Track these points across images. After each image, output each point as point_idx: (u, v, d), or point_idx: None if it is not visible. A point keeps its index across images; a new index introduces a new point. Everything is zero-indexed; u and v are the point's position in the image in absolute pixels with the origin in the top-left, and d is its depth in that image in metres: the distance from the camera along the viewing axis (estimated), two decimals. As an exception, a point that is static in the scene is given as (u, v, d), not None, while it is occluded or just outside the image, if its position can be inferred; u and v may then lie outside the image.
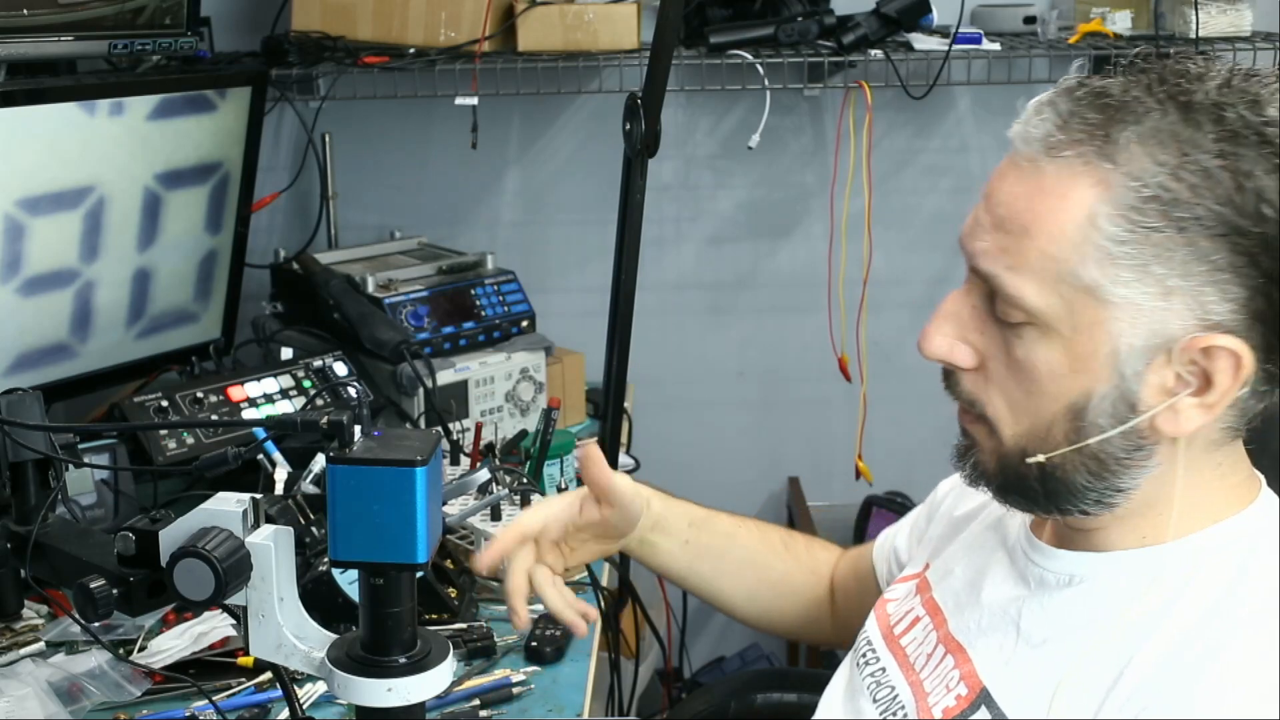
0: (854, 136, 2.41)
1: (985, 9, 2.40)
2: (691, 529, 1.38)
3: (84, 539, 1.30)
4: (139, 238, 1.96)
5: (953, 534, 1.22)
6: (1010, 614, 1.03)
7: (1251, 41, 2.21)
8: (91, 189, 1.87)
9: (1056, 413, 0.95)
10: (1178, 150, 0.89)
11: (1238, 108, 0.89)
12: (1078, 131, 0.92)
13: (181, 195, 2.01)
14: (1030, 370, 0.95)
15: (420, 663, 0.99)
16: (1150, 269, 0.90)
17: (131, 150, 1.91)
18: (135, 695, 1.43)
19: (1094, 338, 0.92)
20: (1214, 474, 0.98)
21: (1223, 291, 0.90)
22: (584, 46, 2.24)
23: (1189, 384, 0.92)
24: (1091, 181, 0.91)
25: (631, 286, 1.72)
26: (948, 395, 1.04)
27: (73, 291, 1.90)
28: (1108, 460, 0.95)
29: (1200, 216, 0.88)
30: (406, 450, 0.95)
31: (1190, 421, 0.93)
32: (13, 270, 1.80)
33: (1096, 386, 0.93)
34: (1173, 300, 0.90)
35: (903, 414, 2.59)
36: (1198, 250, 0.89)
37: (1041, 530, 1.07)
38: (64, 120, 1.80)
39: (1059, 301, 0.92)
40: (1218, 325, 0.90)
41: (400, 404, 2.02)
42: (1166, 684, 0.90)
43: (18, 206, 1.77)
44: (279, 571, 1.01)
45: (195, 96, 1.98)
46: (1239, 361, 0.90)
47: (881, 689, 1.12)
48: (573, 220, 2.60)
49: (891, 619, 1.19)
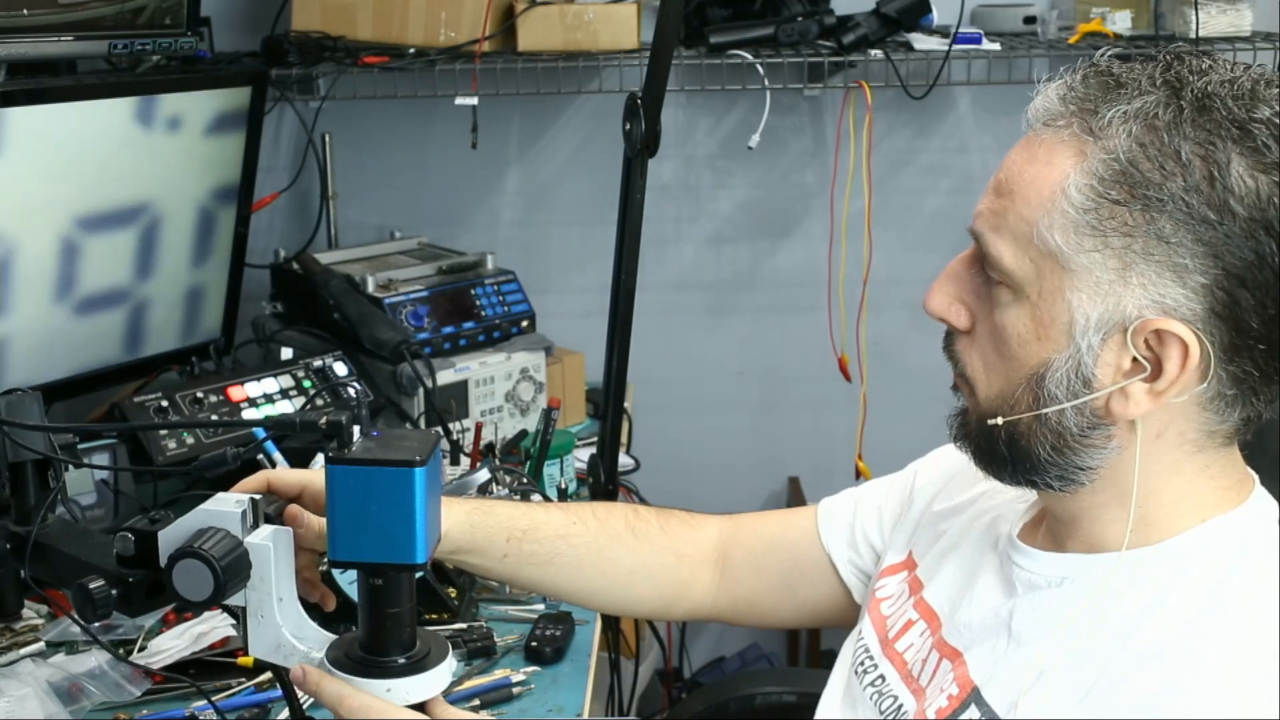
0: (854, 136, 2.41)
1: (985, 9, 2.40)
2: (510, 544, 1.31)
3: (84, 539, 1.30)
4: (191, 254, 1.97)
5: (933, 527, 1.22)
6: (1001, 616, 1.04)
7: (1251, 41, 2.21)
8: (146, 207, 1.88)
9: (1022, 378, 0.97)
10: (1156, 132, 0.90)
11: (1228, 101, 0.90)
12: (1073, 105, 0.94)
13: (229, 211, 2.03)
14: (1003, 333, 0.97)
15: (419, 663, 0.99)
16: (1110, 241, 0.91)
17: (185, 167, 1.92)
18: (135, 695, 1.43)
19: (1055, 305, 0.94)
20: (1202, 475, 0.98)
21: (1181, 279, 0.90)
22: (584, 46, 2.24)
23: (1144, 369, 0.93)
24: (1072, 151, 0.93)
25: (631, 286, 1.71)
26: (946, 359, 1.05)
27: (126, 309, 1.92)
28: (1065, 435, 0.96)
29: (1164, 198, 0.89)
30: (405, 450, 0.95)
31: (1139, 406, 0.94)
32: (67, 288, 1.81)
33: (1055, 356, 0.95)
34: (1130, 277, 0.91)
35: (903, 414, 2.58)
36: (1159, 231, 0.90)
37: (1035, 532, 1.08)
38: (120, 135, 1.81)
39: (1029, 264, 0.95)
40: (1172, 311, 0.91)
41: (400, 404, 2.02)
42: (1152, 682, 0.90)
43: (73, 224, 1.79)
44: (278, 572, 1.01)
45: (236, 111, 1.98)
46: (1187, 351, 0.91)
47: (884, 699, 1.12)
48: (573, 220, 2.60)
49: (887, 624, 1.19)
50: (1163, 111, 0.91)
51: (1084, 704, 0.92)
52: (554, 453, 1.85)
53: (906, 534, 1.25)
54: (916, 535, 1.24)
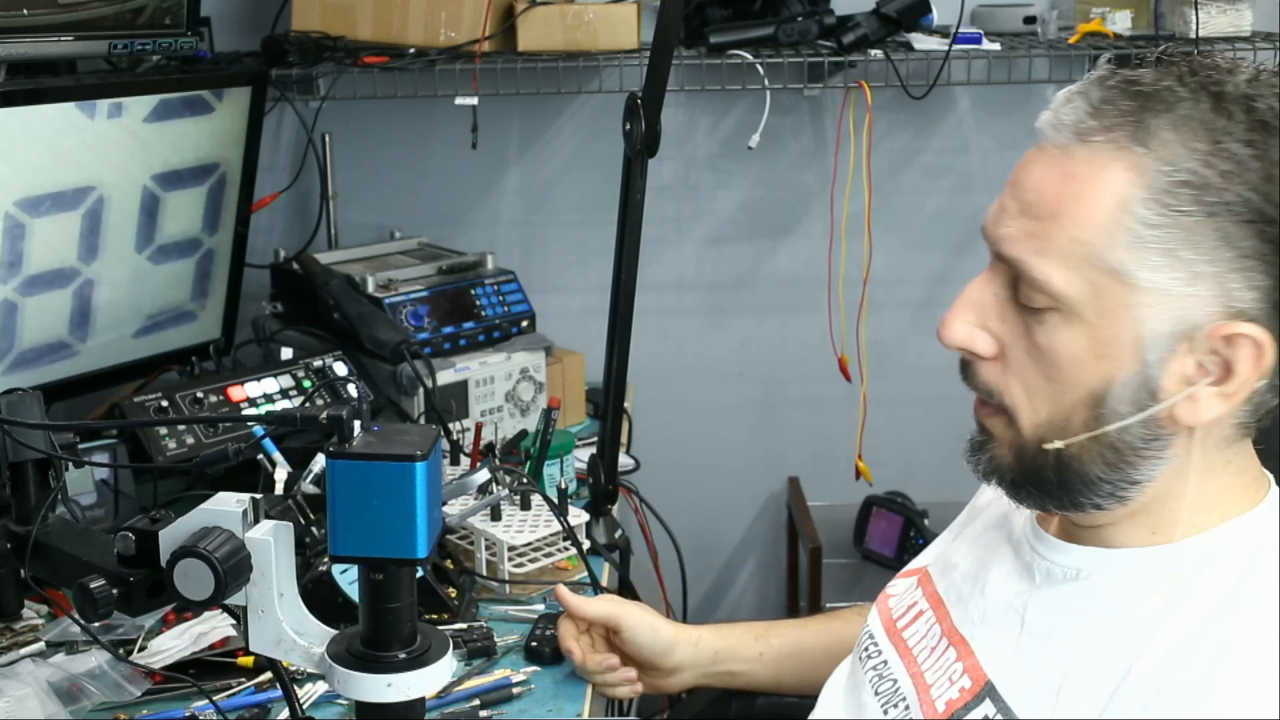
0: (854, 136, 2.41)
1: (985, 9, 2.40)
2: (758, 642, 1.42)
3: (84, 539, 1.30)
4: (137, 237, 1.97)
5: (964, 524, 1.22)
6: (1015, 607, 1.03)
7: (1251, 41, 2.21)
8: (91, 189, 1.87)
9: (1077, 400, 0.95)
10: (1210, 137, 0.90)
11: (1268, 99, 0.91)
12: (1110, 118, 0.93)
13: (179, 196, 2.02)
14: (1052, 356, 0.95)
15: (420, 658, 0.99)
16: (1179, 254, 0.90)
17: (131, 151, 1.91)
18: (135, 695, 1.43)
19: (1119, 323, 0.93)
20: (1225, 471, 0.98)
21: (1248, 280, 0.90)
22: (584, 46, 2.24)
23: (1209, 373, 0.92)
24: (1124, 166, 0.91)
25: (631, 286, 1.71)
26: (966, 389, 1.03)
27: (72, 290, 1.90)
28: (1124, 450, 0.95)
29: (1230, 202, 0.89)
30: (406, 445, 0.95)
31: (1209, 411, 0.93)
32: (13, 269, 1.80)
33: (1118, 373, 0.93)
34: (1199, 286, 0.91)
35: (903, 414, 2.59)
36: (1226, 236, 0.89)
37: (1048, 525, 1.07)
38: (64, 121, 1.80)
39: (1086, 286, 0.93)
40: (1242, 314, 0.91)
41: (400, 404, 2.02)
42: (1174, 683, 0.90)
43: (18, 207, 1.78)
44: (279, 567, 1.01)
45: (193, 98, 1.98)
46: (1261, 350, 0.91)
47: (884, 681, 1.12)
48: (573, 220, 2.60)
49: (894, 612, 1.18)
50: (1212, 116, 0.90)
51: (1111, 706, 0.92)
52: (554, 453, 1.84)
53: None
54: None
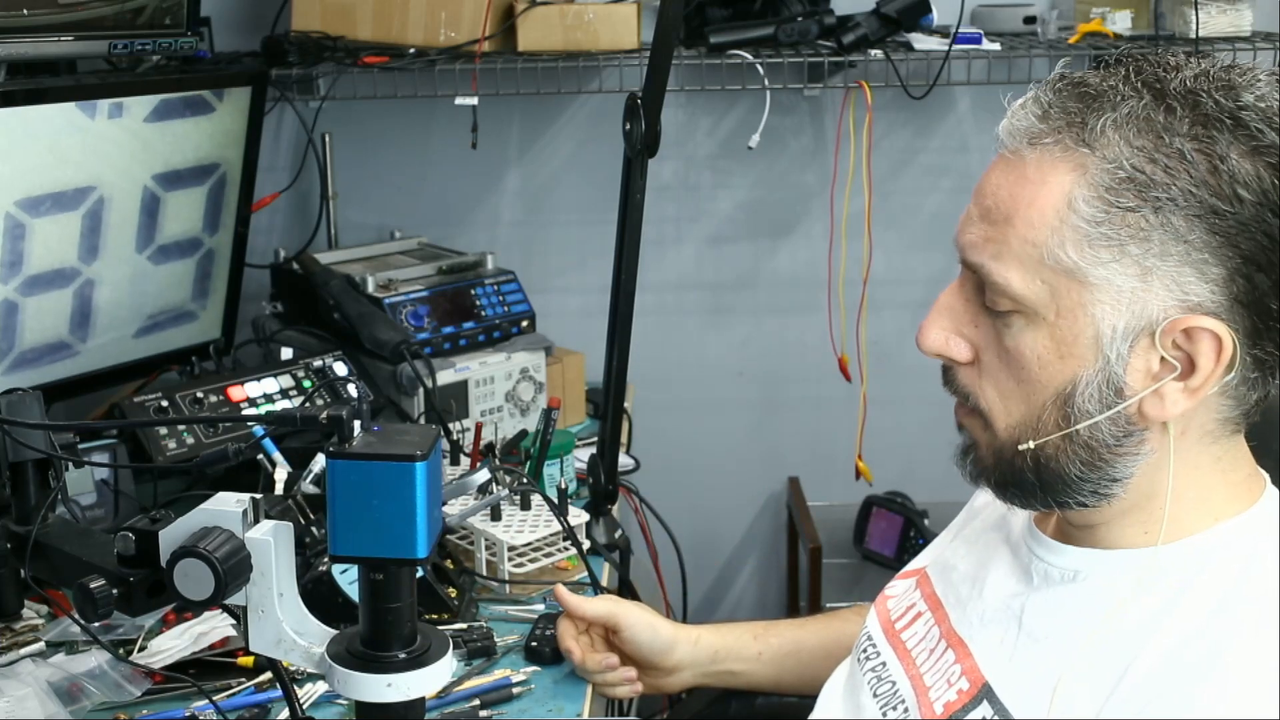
0: (854, 136, 2.41)
1: (985, 9, 2.40)
2: (758, 641, 1.43)
3: (84, 539, 1.30)
4: (138, 238, 1.97)
5: (962, 524, 1.22)
6: (1013, 608, 1.03)
7: (1251, 41, 2.21)
8: (92, 189, 1.87)
9: (1046, 400, 0.96)
10: (1153, 134, 0.91)
11: (1212, 94, 0.91)
12: (1057, 120, 0.94)
13: (180, 195, 2.02)
14: (1019, 358, 0.97)
15: (420, 658, 0.99)
16: (1127, 249, 0.91)
17: (131, 151, 1.91)
18: (135, 695, 1.43)
19: (1078, 321, 0.94)
20: (1214, 468, 0.98)
21: (1201, 273, 0.91)
22: (584, 46, 2.24)
23: (1174, 368, 0.93)
24: (1069, 166, 0.93)
25: (631, 286, 1.71)
26: (948, 393, 1.05)
27: (72, 290, 1.90)
28: (1098, 448, 0.96)
29: (1174, 197, 0.90)
30: (406, 445, 0.95)
31: (1175, 406, 0.94)
32: (14, 269, 1.80)
33: (1083, 371, 0.94)
34: (1151, 281, 0.91)
35: (903, 414, 2.59)
36: (1174, 230, 0.90)
37: (1046, 526, 1.07)
38: (64, 121, 1.80)
39: (1042, 286, 0.94)
40: (1198, 307, 0.91)
41: (400, 404, 2.02)
42: (1170, 684, 0.90)
43: (18, 207, 1.78)
44: (279, 567, 1.01)
45: (193, 98, 1.98)
46: (1220, 343, 0.91)
47: (882, 684, 1.12)
48: (573, 220, 2.60)
49: (892, 613, 1.19)
50: (1154, 113, 0.91)
51: (1107, 707, 0.92)
52: (554, 453, 1.84)
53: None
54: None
